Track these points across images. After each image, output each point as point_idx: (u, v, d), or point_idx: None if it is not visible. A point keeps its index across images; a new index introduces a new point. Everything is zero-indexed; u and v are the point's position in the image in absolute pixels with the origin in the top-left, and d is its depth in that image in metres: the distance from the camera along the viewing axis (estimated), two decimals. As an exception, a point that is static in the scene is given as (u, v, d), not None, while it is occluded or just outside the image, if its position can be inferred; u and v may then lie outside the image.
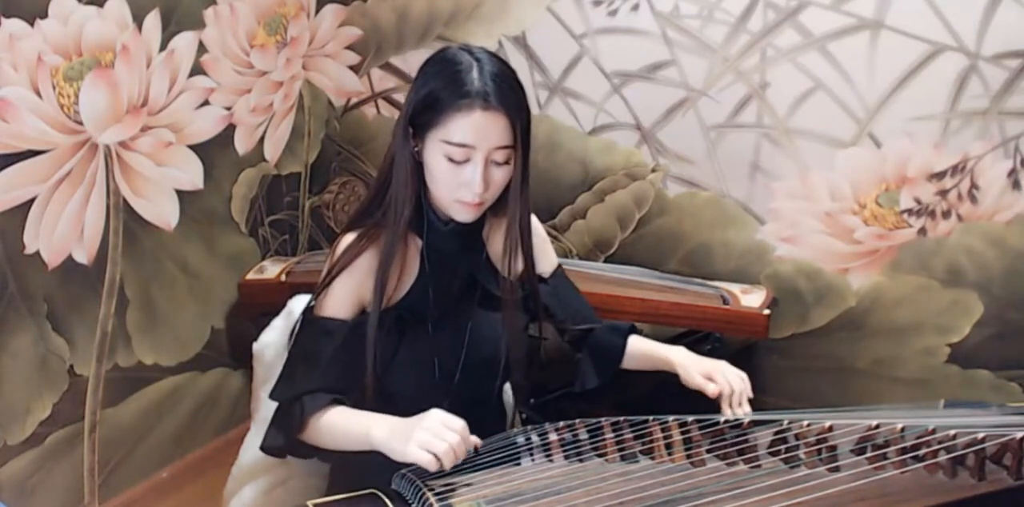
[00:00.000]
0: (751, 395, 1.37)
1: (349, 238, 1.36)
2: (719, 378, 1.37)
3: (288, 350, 1.37)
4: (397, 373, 1.35)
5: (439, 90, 1.25)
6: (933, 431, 1.18)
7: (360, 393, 1.33)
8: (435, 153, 1.27)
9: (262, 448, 1.34)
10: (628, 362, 1.51)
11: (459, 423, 1.16)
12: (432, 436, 1.12)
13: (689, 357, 1.43)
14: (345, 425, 1.25)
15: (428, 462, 1.11)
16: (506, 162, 1.28)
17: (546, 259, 1.53)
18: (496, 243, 1.42)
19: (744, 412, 1.34)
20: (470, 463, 1.19)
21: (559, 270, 1.54)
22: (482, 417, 1.44)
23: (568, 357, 2.50)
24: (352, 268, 1.33)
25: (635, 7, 2.21)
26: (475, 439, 1.19)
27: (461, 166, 1.26)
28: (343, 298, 1.33)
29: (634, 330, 1.54)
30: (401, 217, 1.31)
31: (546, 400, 2.26)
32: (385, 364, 1.33)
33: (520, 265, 1.43)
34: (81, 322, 2.01)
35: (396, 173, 1.32)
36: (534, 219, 1.45)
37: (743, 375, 1.39)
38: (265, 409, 1.52)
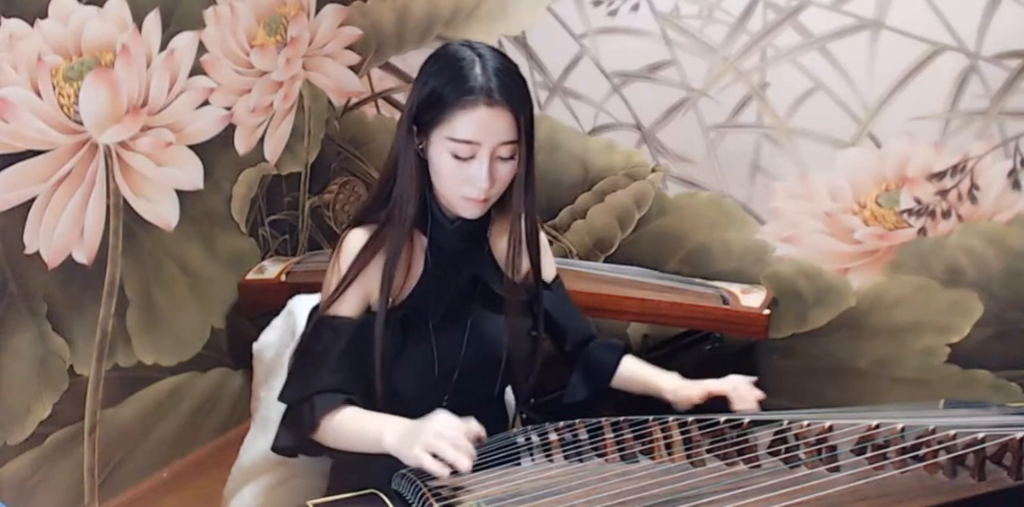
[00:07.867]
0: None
1: (356, 236, 1.34)
2: (725, 383, 1.36)
3: (295, 350, 1.36)
4: (401, 372, 1.34)
5: (442, 87, 1.24)
6: (933, 431, 1.17)
7: (368, 393, 1.32)
8: (440, 150, 1.26)
9: (273, 448, 1.34)
10: (619, 382, 1.48)
11: (461, 424, 1.15)
12: (435, 439, 1.11)
13: (681, 380, 1.41)
14: (358, 427, 1.25)
15: (432, 467, 1.10)
16: (511, 157, 1.28)
17: (548, 265, 1.51)
18: (501, 242, 1.41)
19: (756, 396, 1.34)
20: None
21: (559, 280, 1.53)
22: (484, 417, 1.42)
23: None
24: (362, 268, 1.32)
25: (635, 7, 2.21)
26: (477, 428, 1.16)
27: (466, 162, 1.25)
28: (351, 297, 1.32)
29: (628, 350, 1.51)
30: (406, 215, 1.30)
31: (546, 400, 2.26)
32: (390, 363, 1.33)
33: (525, 265, 1.41)
34: (81, 322, 2.01)
35: (401, 172, 1.31)
36: None
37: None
38: (265, 409, 1.52)
